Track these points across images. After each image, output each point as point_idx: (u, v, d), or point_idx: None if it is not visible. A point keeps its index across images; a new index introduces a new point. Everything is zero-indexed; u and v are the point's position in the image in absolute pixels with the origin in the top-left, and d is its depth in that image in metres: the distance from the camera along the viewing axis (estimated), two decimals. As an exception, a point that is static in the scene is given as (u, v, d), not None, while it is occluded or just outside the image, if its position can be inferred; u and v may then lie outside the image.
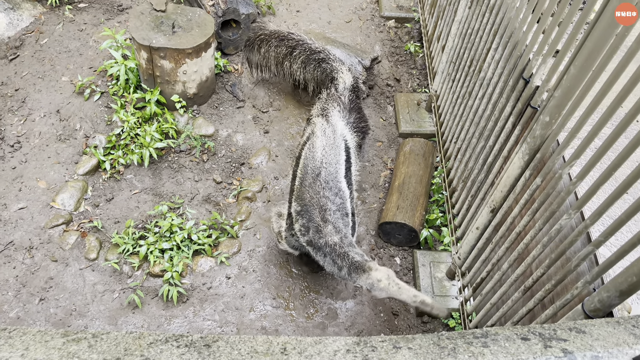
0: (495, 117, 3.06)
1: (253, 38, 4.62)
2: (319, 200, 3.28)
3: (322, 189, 3.33)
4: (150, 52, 4.13)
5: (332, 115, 3.81)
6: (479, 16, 3.49)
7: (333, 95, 4.03)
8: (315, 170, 3.41)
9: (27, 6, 5.03)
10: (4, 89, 4.54)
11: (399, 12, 5.61)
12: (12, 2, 4.92)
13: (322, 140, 3.55)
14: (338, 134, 3.66)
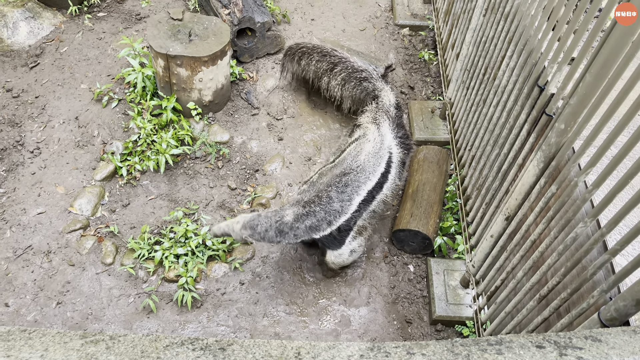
0: (510, 125, 3.05)
1: (295, 49, 4.62)
2: (324, 191, 3.37)
3: (335, 187, 3.39)
4: (167, 60, 4.20)
5: (383, 126, 3.85)
6: (493, 24, 3.49)
7: (382, 108, 4.03)
8: (347, 169, 3.49)
9: (47, 15, 5.14)
10: (24, 96, 4.63)
11: (413, 20, 5.63)
12: (33, 11, 5.03)
13: (370, 146, 3.63)
14: (385, 145, 3.72)
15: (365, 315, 3.70)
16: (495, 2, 3.49)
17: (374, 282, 3.88)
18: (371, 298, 3.79)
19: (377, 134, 3.75)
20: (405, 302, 3.77)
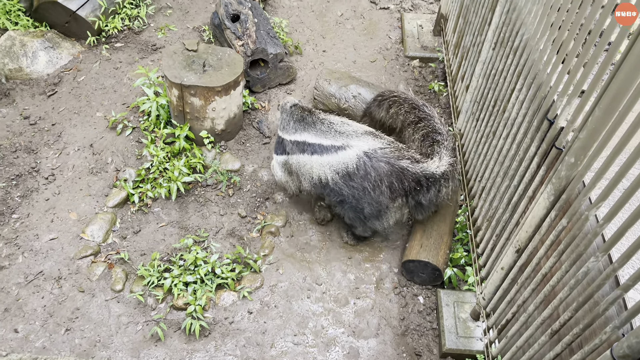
0: (520, 157, 3.06)
1: (387, 96, 4.43)
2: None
3: (375, 175, 3.68)
4: (182, 90, 4.28)
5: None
6: (503, 57, 3.53)
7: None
8: (402, 171, 3.68)
9: (66, 45, 5.28)
10: (41, 124, 4.73)
11: (423, 52, 5.71)
12: (52, 41, 5.18)
13: (431, 165, 3.79)
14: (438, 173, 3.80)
15: (374, 347, 3.66)
16: (504, 36, 3.54)
17: (383, 313, 3.84)
18: (380, 329, 3.75)
19: (439, 163, 3.90)
20: (414, 334, 3.73)
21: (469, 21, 4.51)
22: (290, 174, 4.12)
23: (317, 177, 3.92)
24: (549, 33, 2.84)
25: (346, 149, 3.77)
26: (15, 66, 4.97)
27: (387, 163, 3.70)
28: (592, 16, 2.38)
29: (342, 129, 3.87)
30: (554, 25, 2.78)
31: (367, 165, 3.70)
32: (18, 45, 4.98)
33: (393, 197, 3.77)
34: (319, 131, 3.91)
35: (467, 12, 4.59)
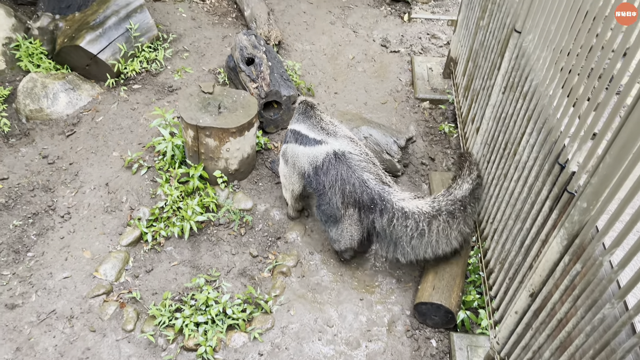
0: (532, 201, 3.08)
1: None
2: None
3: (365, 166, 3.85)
4: (197, 131, 4.38)
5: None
6: (512, 102, 3.60)
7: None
8: (359, 181, 3.82)
9: (86, 87, 5.45)
10: (59, 163, 4.84)
11: (434, 94, 5.81)
12: (72, 83, 5.35)
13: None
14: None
15: (386, 392, 3.59)
16: (513, 81, 3.61)
17: (395, 356, 3.79)
18: (392, 374, 3.69)
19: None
20: (427, 379, 3.66)
21: (479, 65, 4.61)
22: (287, 163, 4.25)
23: (300, 167, 4.12)
24: (559, 77, 2.90)
25: (321, 145, 3.99)
26: (36, 107, 5.12)
27: (349, 168, 3.85)
28: (602, 61, 2.43)
29: (327, 127, 4.09)
30: (563, 69, 2.84)
31: (331, 163, 3.88)
32: (39, 87, 5.15)
33: (344, 203, 3.88)
34: (310, 125, 4.12)
35: (477, 57, 4.69)
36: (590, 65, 2.58)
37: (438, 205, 3.83)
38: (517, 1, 3.69)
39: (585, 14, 2.67)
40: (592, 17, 2.59)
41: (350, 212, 3.91)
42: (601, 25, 2.50)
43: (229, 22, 6.59)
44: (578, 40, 2.71)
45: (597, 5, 2.54)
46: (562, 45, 2.90)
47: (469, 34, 5.07)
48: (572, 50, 2.76)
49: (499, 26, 4.06)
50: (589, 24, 2.62)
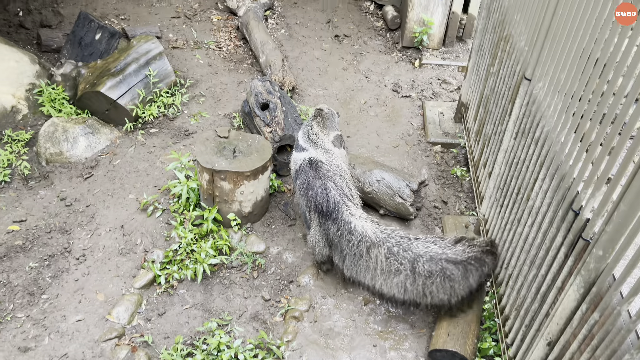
0: (546, 247, 3.06)
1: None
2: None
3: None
4: (212, 174, 4.46)
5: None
6: (524, 147, 3.63)
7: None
8: (322, 188, 4.11)
9: (105, 131, 5.60)
10: (76, 205, 4.92)
11: (445, 138, 5.87)
12: (92, 127, 5.50)
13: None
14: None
15: None
16: (525, 127, 3.66)
17: (410, 406, 3.70)
18: None
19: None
20: None
21: (490, 110, 4.67)
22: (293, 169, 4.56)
23: (293, 171, 4.50)
24: (571, 124, 2.93)
25: (304, 152, 4.40)
26: (56, 150, 5.26)
27: (316, 175, 4.20)
28: (614, 106, 2.46)
29: (312, 136, 4.46)
30: (575, 115, 2.88)
31: (305, 168, 4.28)
32: (60, 131, 5.30)
33: (308, 207, 4.23)
34: (303, 133, 4.55)
35: (487, 102, 4.77)
36: (602, 110, 2.61)
37: (384, 237, 3.93)
38: (526, 50, 3.79)
39: (596, 61, 2.72)
40: (602, 64, 2.64)
41: (312, 216, 4.21)
42: (612, 72, 2.54)
43: (245, 69, 6.79)
44: (589, 87, 2.76)
45: (607, 52, 2.59)
46: (573, 91, 2.95)
47: (479, 80, 5.16)
48: (584, 96, 2.81)
49: (509, 73, 4.15)
50: (599, 71, 2.67)
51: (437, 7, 6.88)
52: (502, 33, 4.47)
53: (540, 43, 3.54)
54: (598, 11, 2.73)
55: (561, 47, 3.19)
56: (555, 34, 3.32)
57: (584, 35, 2.90)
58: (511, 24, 4.23)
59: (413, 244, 3.89)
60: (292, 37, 7.41)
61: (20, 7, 7.02)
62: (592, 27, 2.79)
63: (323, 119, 4.56)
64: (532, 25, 3.71)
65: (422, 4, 6.87)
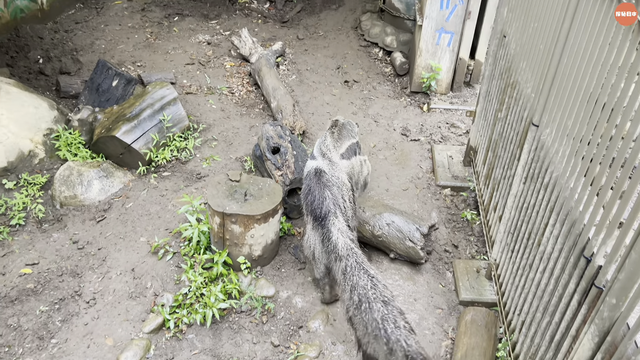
0: (559, 293, 3.03)
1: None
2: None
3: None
4: (223, 218, 4.50)
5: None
6: (533, 192, 3.64)
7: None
8: (320, 196, 4.43)
9: (118, 174, 5.70)
10: (88, 248, 4.97)
11: (455, 181, 5.90)
12: (106, 171, 5.60)
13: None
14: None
15: None
16: (534, 172, 3.68)
17: None
18: None
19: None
20: None
21: (498, 155, 4.71)
22: None
23: (303, 176, 4.84)
24: (580, 168, 2.95)
25: (314, 160, 4.73)
26: (70, 194, 5.35)
27: (317, 182, 4.51)
28: (623, 150, 2.48)
29: (323, 147, 4.81)
30: (584, 159, 2.89)
31: (311, 176, 4.60)
32: (75, 175, 5.40)
33: (307, 210, 4.51)
34: (318, 143, 4.89)
35: (496, 147, 4.81)
36: (611, 154, 2.63)
37: (346, 254, 4.11)
38: (533, 96, 3.85)
39: (603, 106, 2.77)
40: (609, 109, 2.68)
41: (309, 219, 4.50)
42: (620, 117, 2.58)
43: (256, 113, 6.94)
44: (597, 131, 2.79)
45: (613, 97, 2.63)
46: (581, 136, 2.98)
47: (487, 124, 5.23)
48: (592, 140, 2.83)
49: (517, 119, 4.20)
50: (606, 115, 2.71)
51: (445, 53, 7.04)
52: (508, 80, 4.56)
53: (547, 90, 3.60)
54: (603, 57, 2.79)
55: (567, 94, 3.25)
56: (561, 81, 3.39)
57: (590, 81, 2.95)
58: (517, 71, 4.32)
59: (361, 273, 3.99)
60: (302, 83, 7.59)
61: (41, 54, 7.30)
62: (598, 73, 2.85)
63: (339, 129, 4.95)
64: (538, 72, 3.79)
65: (430, 50, 7.04)
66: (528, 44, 4.11)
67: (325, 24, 8.97)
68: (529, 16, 4.15)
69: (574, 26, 3.25)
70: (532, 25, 4.03)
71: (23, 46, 7.30)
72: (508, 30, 4.75)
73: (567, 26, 3.33)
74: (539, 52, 3.83)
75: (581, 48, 3.10)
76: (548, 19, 3.69)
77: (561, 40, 3.41)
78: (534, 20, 3.99)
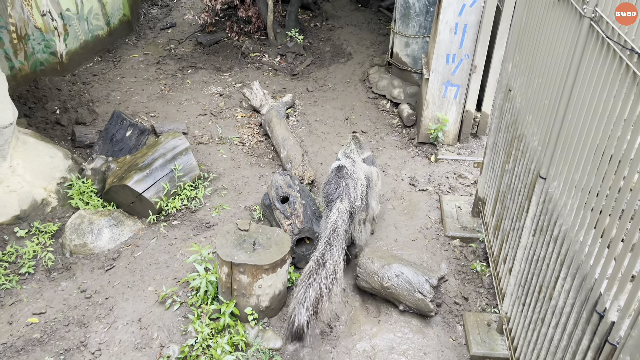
0: (573, 350, 2.97)
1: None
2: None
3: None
4: (231, 268, 4.49)
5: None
6: (543, 245, 3.63)
7: None
8: (336, 183, 5.23)
9: (129, 223, 5.75)
10: (95, 297, 4.95)
11: (463, 232, 5.88)
12: (117, 220, 5.66)
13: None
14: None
15: None
16: (543, 224, 3.68)
17: None
18: None
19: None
20: None
21: (507, 206, 4.72)
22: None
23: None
24: (589, 221, 2.94)
25: (338, 161, 5.53)
26: (80, 242, 5.39)
27: (338, 175, 5.29)
28: (632, 201, 2.48)
29: (347, 151, 5.65)
30: (593, 211, 2.90)
31: (333, 171, 5.39)
32: (86, 223, 5.46)
33: (323, 198, 5.29)
34: (344, 148, 5.72)
35: (504, 198, 4.82)
36: (620, 206, 2.63)
37: (331, 232, 4.80)
38: (540, 149, 3.90)
39: (610, 158, 2.79)
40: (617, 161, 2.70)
41: (324, 206, 5.22)
42: (627, 169, 2.59)
43: (266, 163, 7.04)
44: (605, 184, 2.80)
45: (620, 149, 2.66)
46: (589, 188, 2.99)
47: (495, 176, 5.26)
48: (600, 192, 2.84)
49: (524, 171, 4.24)
50: (614, 167, 2.73)
51: (451, 105, 7.18)
52: (515, 132, 4.62)
53: (553, 143, 3.65)
54: (608, 110, 2.84)
55: (574, 147, 3.29)
56: (567, 134, 3.44)
57: (596, 133, 2.99)
58: (523, 124, 4.39)
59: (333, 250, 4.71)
60: (311, 133, 7.73)
61: (58, 105, 7.53)
62: (604, 126, 2.89)
63: (359, 141, 5.79)
64: (544, 126, 3.85)
65: (437, 102, 7.18)
66: (533, 98, 4.20)
67: (334, 77, 9.22)
68: (533, 72, 4.26)
69: (578, 82, 3.33)
70: (537, 81, 4.13)
71: (41, 97, 7.54)
72: (513, 85, 4.86)
73: (570, 82, 3.41)
74: (544, 106, 3.91)
75: (585, 102, 3.17)
76: (551, 76, 3.78)
77: (565, 95, 3.49)
78: (538, 76, 4.10)
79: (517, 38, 4.84)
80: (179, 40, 10.13)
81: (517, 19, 4.91)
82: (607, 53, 2.90)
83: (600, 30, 2.96)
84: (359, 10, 11.67)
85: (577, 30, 3.34)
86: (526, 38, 4.54)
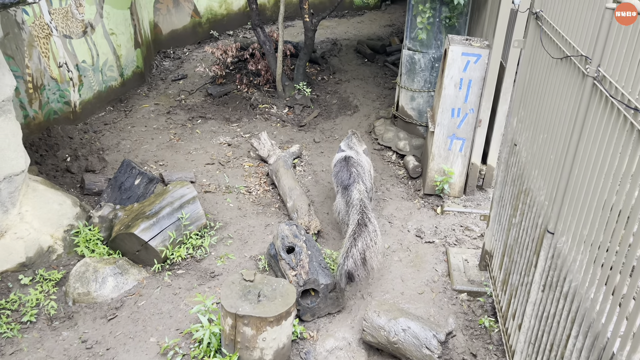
0: (588, 412, 2.87)
1: None
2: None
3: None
4: (235, 319, 4.42)
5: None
6: (553, 301, 3.57)
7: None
8: (345, 169, 6.44)
9: (133, 271, 5.71)
10: (96, 348, 4.86)
11: (471, 286, 5.80)
12: (122, 268, 5.63)
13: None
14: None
15: None
16: (552, 280, 3.63)
17: None
18: None
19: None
20: None
21: (514, 260, 4.68)
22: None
23: (333, 164, 6.77)
24: (599, 278, 2.91)
25: (342, 152, 6.68)
26: (84, 290, 5.34)
27: (347, 164, 6.44)
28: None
29: (350, 143, 6.85)
30: (603, 267, 2.87)
31: (341, 161, 6.52)
32: (91, 271, 5.43)
33: (337, 183, 6.41)
34: (345, 142, 6.91)
35: (512, 252, 4.79)
36: (631, 262, 2.61)
37: (358, 204, 5.93)
38: (547, 204, 3.91)
39: (619, 213, 2.79)
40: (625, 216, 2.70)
41: (338, 190, 6.33)
42: (637, 225, 2.59)
43: (272, 212, 7.05)
44: (615, 239, 2.79)
45: (629, 205, 2.66)
46: (598, 244, 2.97)
47: (502, 229, 5.25)
48: (610, 248, 2.82)
49: (531, 225, 4.23)
50: (623, 223, 2.72)
51: (457, 158, 7.24)
52: (521, 186, 4.64)
53: (560, 198, 3.66)
54: (615, 165, 2.87)
55: (582, 201, 3.29)
56: (574, 189, 3.45)
57: (603, 189, 3.00)
58: (529, 178, 4.41)
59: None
60: (318, 183, 7.78)
61: (69, 153, 7.66)
62: (612, 181, 2.90)
63: (358, 135, 7.00)
64: (551, 180, 3.87)
65: (442, 155, 7.25)
66: (539, 153, 4.24)
67: (341, 129, 9.37)
68: (538, 127, 4.33)
69: (583, 138, 3.37)
70: (542, 136, 4.18)
71: (53, 145, 7.68)
72: (518, 139, 4.93)
73: (575, 138, 3.46)
74: (550, 161, 3.94)
75: (592, 158, 3.19)
76: (557, 131, 3.84)
77: (571, 151, 3.52)
78: (543, 131, 4.16)
79: (522, 94, 4.94)
80: (189, 92, 10.39)
81: (521, 76, 5.03)
82: (611, 111, 2.95)
83: (603, 90, 3.02)
84: (365, 64, 12.00)
85: (580, 89, 3.41)
86: (530, 94, 4.64)
